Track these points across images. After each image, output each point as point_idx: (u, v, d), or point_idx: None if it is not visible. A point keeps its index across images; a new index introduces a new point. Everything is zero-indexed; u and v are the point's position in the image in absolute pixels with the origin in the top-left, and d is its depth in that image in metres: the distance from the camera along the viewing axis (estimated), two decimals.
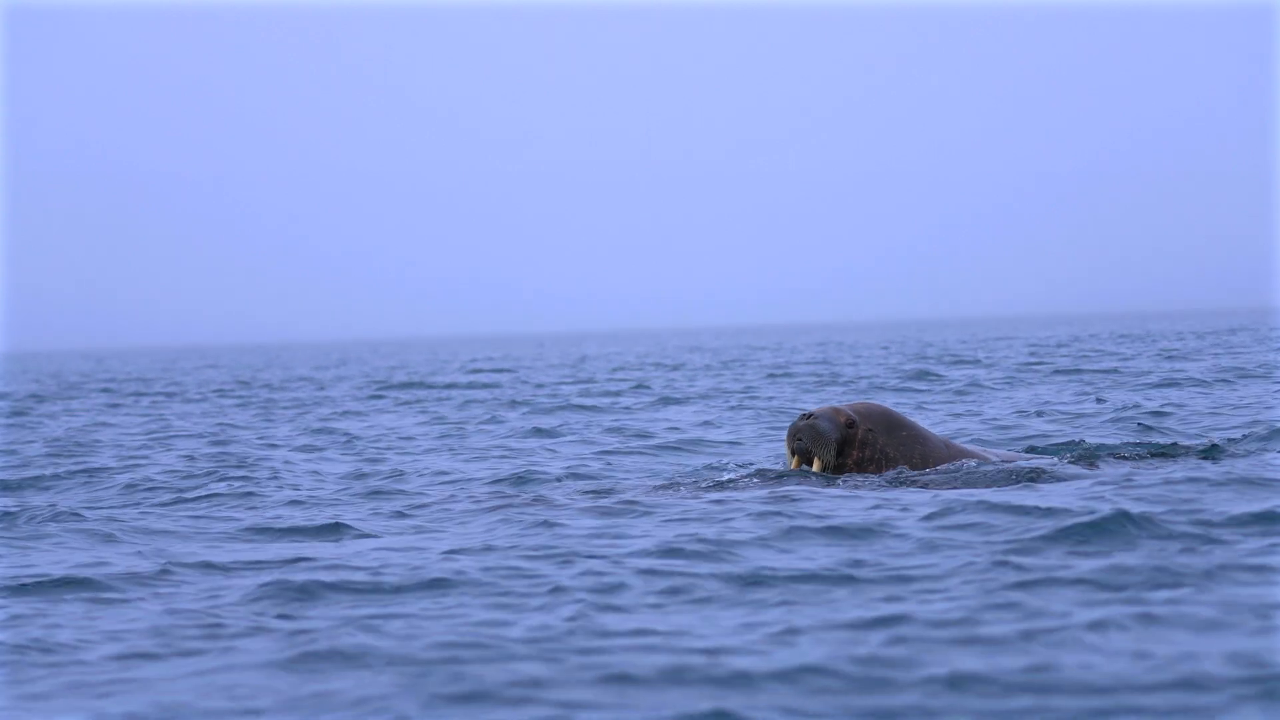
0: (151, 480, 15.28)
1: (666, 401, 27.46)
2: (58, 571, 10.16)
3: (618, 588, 8.86)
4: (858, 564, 9.25)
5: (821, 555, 9.62)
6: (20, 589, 9.58)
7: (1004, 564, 9.02)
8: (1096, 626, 7.53)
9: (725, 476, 13.42)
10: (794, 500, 11.73)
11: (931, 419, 21.27)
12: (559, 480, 14.66)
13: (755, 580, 8.98)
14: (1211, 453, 13.85)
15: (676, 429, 21.22)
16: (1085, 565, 8.92)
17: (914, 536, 10.09)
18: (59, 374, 65.87)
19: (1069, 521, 10.17)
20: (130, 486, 14.90)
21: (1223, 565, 8.80)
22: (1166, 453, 14.00)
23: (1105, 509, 10.55)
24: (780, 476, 12.99)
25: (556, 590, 8.83)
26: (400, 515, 12.55)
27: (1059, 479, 12.63)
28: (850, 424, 13.14)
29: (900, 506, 11.17)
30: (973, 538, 10.01)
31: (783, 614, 8.13)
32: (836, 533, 10.31)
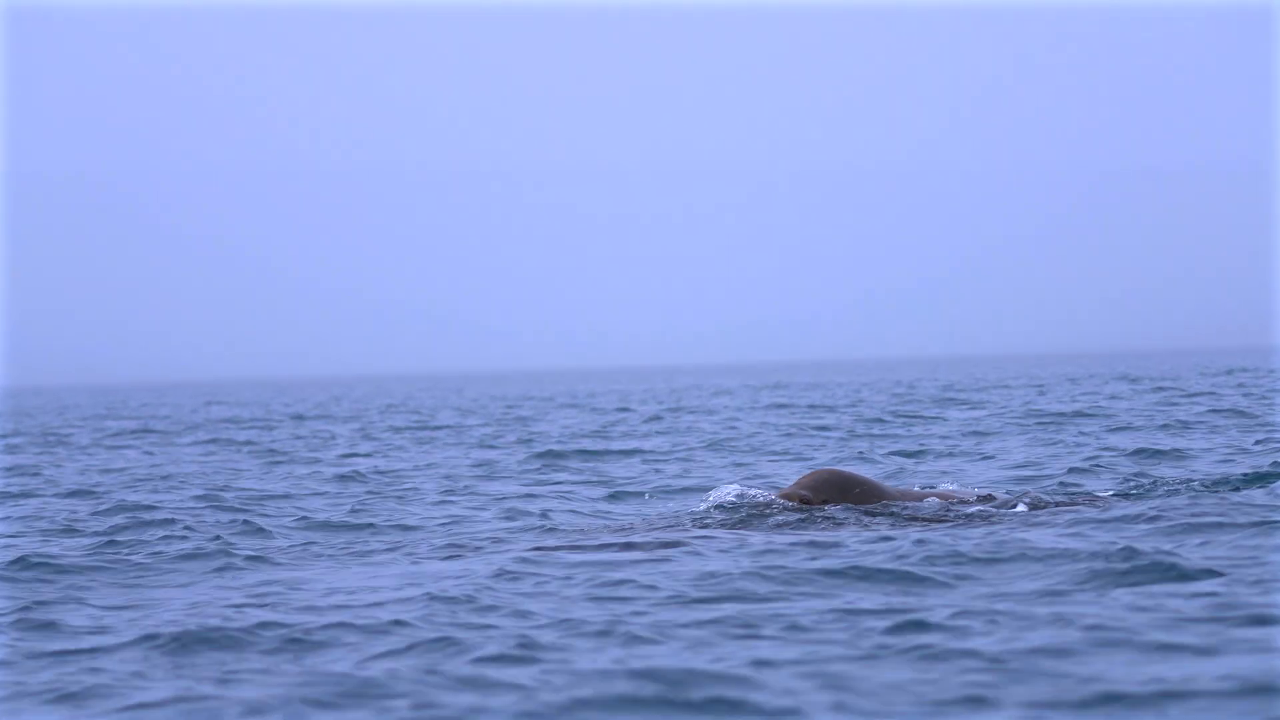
0: (172, 523, 15.35)
1: (675, 444, 27.55)
2: (86, 621, 10.32)
3: (641, 628, 8.95)
4: (877, 606, 9.33)
5: (846, 594, 9.72)
6: (67, 631, 9.77)
7: (1027, 602, 9.13)
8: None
9: (738, 516, 13.55)
10: (804, 541, 11.85)
11: (930, 466, 21.40)
12: (572, 521, 14.77)
13: (775, 618, 9.10)
14: (1198, 489, 13.99)
15: (684, 469, 21.34)
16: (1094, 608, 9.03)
17: (917, 576, 10.21)
18: (65, 411, 65.83)
19: (1061, 563, 10.28)
20: (152, 530, 14.99)
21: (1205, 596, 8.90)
22: (1148, 491, 14.15)
23: (1083, 546, 10.68)
24: (784, 516, 13.13)
25: (585, 634, 8.94)
26: (417, 554, 12.65)
27: (1032, 515, 12.83)
28: (804, 501, 13.39)
29: (898, 546, 11.28)
30: (968, 580, 10.12)
31: (808, 652, 8.24)
32: (856, 573, 10.43)
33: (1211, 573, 10.01)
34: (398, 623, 9.32)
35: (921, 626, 8.69)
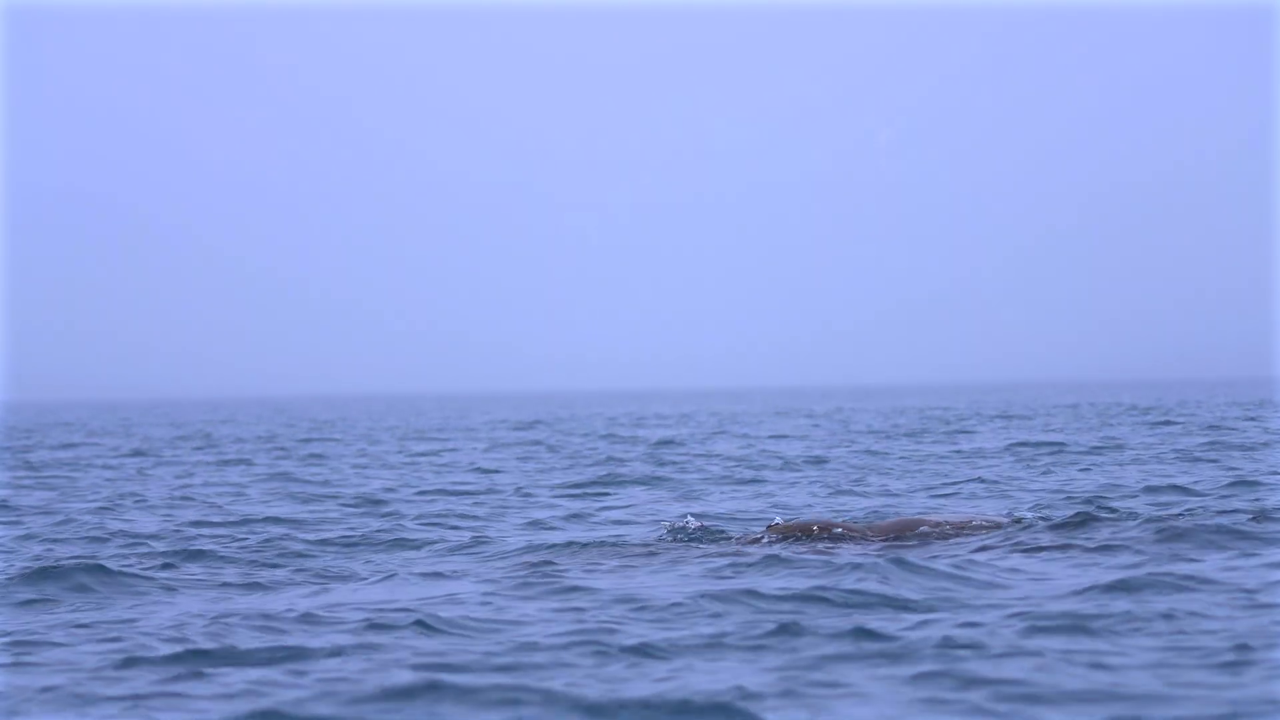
0: (194, 547, 15.42)
1: (683, 471, 27.62)
2: (94, 636, 10.44)
3: (642, 646, 9.06)
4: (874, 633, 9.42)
5: (849, 616, 9.78)
6: (76, 646, 9.92)
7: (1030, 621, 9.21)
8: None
9: (729, 546, 13.67)
10: (798, 566, 11.97)
11: (933, 495, 21.46)
12: (586, 543, 14.87)
13: (790, 631, 9.18)
14: (1204, 517, 14.10)
15: (688, 494, 21.44)
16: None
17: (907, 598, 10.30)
18: (70, 428, 65.80)
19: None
20: (167, 553, 15.07)
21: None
22: (1149, 520, 14.27)
23: (1084, 574, 10.74)
24: (775, 547, 13.29)
25: (589, 653, 9.02)
26: (423, 574, 12.74)
27: (1033, 540, 12.98)
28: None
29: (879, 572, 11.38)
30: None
31: (808, 675, 8.30)
32: (862, 598, 10.51)
33: (1222, 593, 10.07)
34: (403, 641, 9.46)
35: (930, 650, 8.78)
